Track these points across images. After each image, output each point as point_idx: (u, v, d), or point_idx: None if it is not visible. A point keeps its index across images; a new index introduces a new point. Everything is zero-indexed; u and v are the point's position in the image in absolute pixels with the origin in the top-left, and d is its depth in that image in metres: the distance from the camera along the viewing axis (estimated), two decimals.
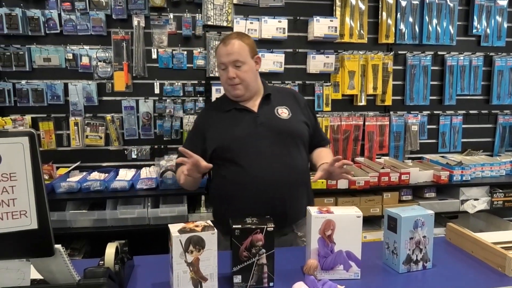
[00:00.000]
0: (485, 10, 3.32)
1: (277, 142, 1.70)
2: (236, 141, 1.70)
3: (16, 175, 0.90)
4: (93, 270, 1.03)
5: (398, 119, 3.29)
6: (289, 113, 1.78)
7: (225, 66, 1.72)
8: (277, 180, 1.66)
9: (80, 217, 2.57)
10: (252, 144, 1.69)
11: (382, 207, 2.82)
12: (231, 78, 1.70)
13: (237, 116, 1.76)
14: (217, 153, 1.73)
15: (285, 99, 1.84)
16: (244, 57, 1.71)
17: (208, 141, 1.75)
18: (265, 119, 1.73)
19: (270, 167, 1.66)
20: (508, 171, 3.19)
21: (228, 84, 1.74)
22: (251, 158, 1.67)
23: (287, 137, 1.73)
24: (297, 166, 1.73)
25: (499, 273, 1.30)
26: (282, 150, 1.70)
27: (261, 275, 1.21)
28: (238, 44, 1.72)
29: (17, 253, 0.95)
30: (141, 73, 2.91)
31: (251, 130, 1.72)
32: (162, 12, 2.91)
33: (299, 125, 1.78)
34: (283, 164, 1.68)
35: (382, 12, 3.17)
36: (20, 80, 2.82)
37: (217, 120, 1.78)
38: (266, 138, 1.70)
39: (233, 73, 1.70)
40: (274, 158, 1.68)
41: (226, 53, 1.71)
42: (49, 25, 2.79)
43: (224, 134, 1.73)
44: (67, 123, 2.89)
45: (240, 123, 1.74)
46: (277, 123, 1.73)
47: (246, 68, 1.72)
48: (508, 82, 3.43)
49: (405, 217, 1.29)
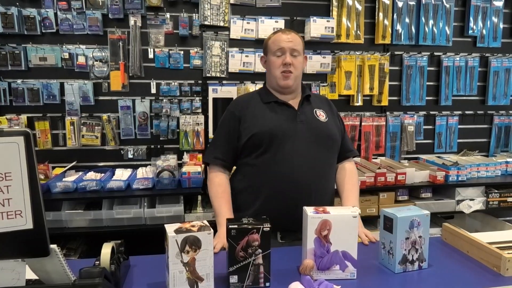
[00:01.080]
0: (481, 11, 3.33)
1: (314, 142, 1.72)
2: (275, 132, 1.69)
3: (12, 175, 0.90)
4: (89, 270, 1.03)
5: (395, 120, 3.30)
6: (326, 116, 1.80)
7: (282, 52, 1.73)
8: (307, 179, 1.67)
9: (76, 217, 2.56)
10: (290, 138, 1.69)
11: (379, 207, 2.83)
12: (288, 63, 1.71)
13: (277, 109, 1.77)
14: (252, 142, 1.71)
15: (322, 104, 1.87)
16: (300, 48, 1.76)
17: (244, 130, 1.74)
18: (305, 118, 1.75)
19: (303, 166, 1.67)
20: (503, 171, 3.20)
21: (281, 71, 1.74)
22: (287, 152, 1.68)
23: (324, 138, 1.75)
24: (324, 170, 1.75)
25: (494, 273, 1.31)
26: (317, 151, 1.72)
27: (257, 275, 1.21)
28: (298, 36, 1.77)
29: (12, 253, 0.94)
30: (137, 73, 2.91)
31: (291, 125, 1.72)
32: (158, 12, 2.91)
33: (334, 130, 1.80)
34: (316, 165, 1.70)
35: (378, 13, 3.18)
36: (16, 79, 2.81)
37: (256, 109, 1.77)
38: (304, 136, 1.71)
39: (290, 59, 1.72)
40: (308, 158, 1.69)
41: (287, 40, 1.73)
42: (45, 24, 2.78)
43: (264, 123, 1.72)
44: (63, 122, 2.89)
45: (281, 115, 1.74)
46: (316, 124, 1.76)
47: (300, 59, 1.76)
48: (504, 83, 3.44)
49: (401, 217, 1.29)
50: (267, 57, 1.80)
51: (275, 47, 1.75)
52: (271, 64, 1.77)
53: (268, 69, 1.81)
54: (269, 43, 1.79)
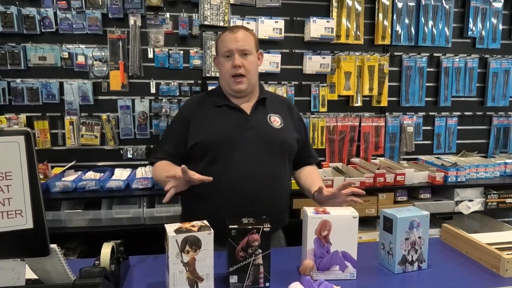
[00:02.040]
0: (480, 12, 3.34)
1: (264, 151, 1.62)
2: (222, 140, 1.61)
3: (12, 175, 0.90)
4: (89, 270, 1.03)
5: (394, 120, 3.30)
6: (281, 122, 1.70)
7: (230, 53, 1.62)
8: (256, 189, 1.58)
9: (75, 216, 2.56)
10: (238, 147, 1.60)
11: (378, 208, 2.83)
12: (237, 66, 1.61)
13: (228, 114, 1.67)
14: (198, 148, 1.63)
15: (279, 107, 1.76)
16: (251, 47, 1.65)
17: (191, 134, 1.65)
18: (257, 124, 1.65)
19: (252, 175, 1.59)
20: (502, 172, 3.20)
21: (231, 75, 1.63)
22: (234, 162, 1.59)
23: (275, 147, 1.65)
24: (279, 178, 1.66)
25: (494, 274, 1.31)
26: (267, 159, 1.62)
27: (257, 275, 1.21)
28: (247, 33, 1.66)
29: (12, 252, 0.94)
30: (137, 73, 2.90)
31: (240, 132, 1.62)
32: (158, 12, 2.90)
33: (289, 137, 1.70)
34: (265, 174, 1.61)
35: (378, 14, 3.18)
36: (15, 79, 2.80)
37: (206, 113, 1.68)
38: (254, 144, 1.62)
39: (240, 61, 1.61)
40: (257, 166, 1.60)
41: (234, 40, 1.62)
42: (45, 23, 2.78)
43: (211, 130, 1.63)
44: (62, 122, 2.88)
45: (230, 122, 1.65)
46: (267, 131, 1.65)
47: (252, 59, 1.65)
48: (503, 84, 3.45)
49: (401, 217, 1.30)
50: (218, 59, 1.70)
51: (223, 48, 1.65)
52: (221, 67, 1.67)
53: (220, 72, 1.71)
54: (218, 43, 1.70)
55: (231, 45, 1.62)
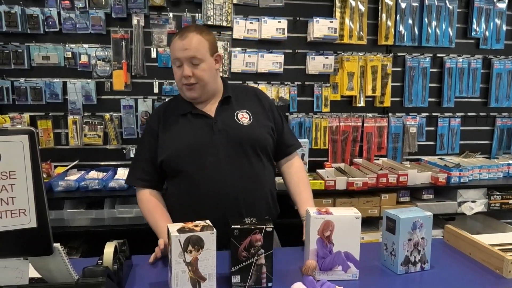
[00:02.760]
0: (484, 12, 3.33)
1: (236, 152, 1.57)
2: (189, 151, 1.56)
3: (16, 174, 0.90)
4: (92, 269, 1.03)
5: (397, 121, 3.30)
6: (250, 118, 1.63)
7: (180, 62, 1.54)
8: (234, 195, 1.54)
9: (78, 216, 2.57)
10: (208, 154, 1.55)
11: (380, 209, 2.83)
12: (186, 76, 1.53)
13: (192, 122, 1.61)
14: (168, 163, 1.59)
15: (247, 101, 1.69)
16: (202, 54, 1.54)
17: (160, 148, 1.60)
18: (223, 126, 1.59)
19: (227, 181, 1.54)
20: (505, 173, 3.19)
21: (182, 83, 1.57)
22: (206, 171, 1.54)
23: (247, 146, 1.59)
24: (259, 177, 1.61)
25: (497, 275, 1.31)
26: (241, 162, 1.57)
27: (259, 275, 1.21)
28: (197, 39, 1.53)
29: (15, 251, 0.95)
30: (140, 72, 2.91)
31: (207, 139, 1.57)
32: (161, 12, 2.91)
33: (261, 132, 1.63)
34: (241, 176, 1.56)
35: (381, 14, 3.18)
36: (19, 78, 2.81)
37: (171, 124, 1.62)
38: (224, 147, 1.56)
39: (189, 71, 1.53)
40: (231, 171, 1.55)
41: (182, 48, 1.52)
42: (48, 23, 2.79)
43: (176, 142, 1.58)
44: (66, 121, 2.89)
45: (195, 130, 1.59)
46: (236, 130, 1.59)
47: (204, 67, 1.55)
48: (507, 85, 3.44)
49: (404, 218, 1.29)
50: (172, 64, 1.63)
51: (172, 56, 1.57)
52: (174, 75, 1.60)
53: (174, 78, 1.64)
54: (170, 48, 1.61)
55: (179, 54, 1.53)
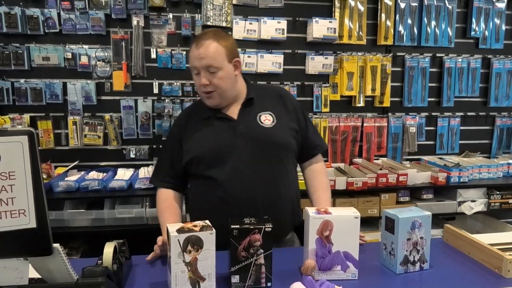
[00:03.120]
0: (483, 12, 3.33)
1: (258, 155, 1.55)
2: (212, 154, 1.55)
3: (15, 174, 0.90)
4: (92, 269, 1.03)
5: (396, 121, 3.30)
6: (273, 119, 1.61)
7: (197, 70, 1.53)
8: (256, 199, 1.52)
9: (78, 216, 2.57)
10: (230, 158, 1.54)
11: (380, 208, 2.83)
12: (204, 85, 1.53)
13: (215, 125, 1.60)
14: (191, 166, 1.59)
15: (270, 102, 1.66)
16: (219, 62, 1.51)
17: (184, 152, 1.61)
18: (246, 129, 1.57)
19: (249, 185, 1.53)
20: (505, 173, 3.19)
21: (201, 91, 1.57)
22: (228, 174, 1.53)
23: (270, 149, 1.57)
24: (281, 181, 1.59)
25: (496, 275, 1.31)
26: (263, 166, 1.55)
27: (259, 275, 1.21)
28: (213, 46, 1.51)
29: (15, 252, 0.95)
30: (140, 73, 2.92)
31: (230, 142, 1.56)
32: (161, 12, 2.91)
33: (284, 134, 1.61)
34: (264, 181, 1.54)
35: (381, 14, 3.18)
36: (19, 79, 2.82)
37: (194, 128, 1.63)
38: (246, 151, 1.55)
39: (206, 80, 1.52)
40: (254, 174, 1.54)
41: (198, 57, 1.51)
42: (48, 24, 2.79)
43: (199, 146, 1.58)
44: (66, 122, 2.89)
45: (218, 133, 1.58)
46: (259, 132, 1.57)
47: (221, 75, 1.52)
48: (506, 85, 3.44)
49: (403, 218, 1.29)
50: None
51: (191, 64, 1.57)
52: (194, 81, 1.60)
53: None
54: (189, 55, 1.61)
55: (195, 63, 1.53)
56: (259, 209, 1.52)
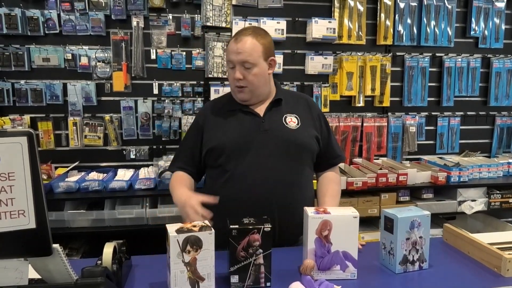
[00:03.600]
0: (483, 12, 3.33)
1: (280, 153, 1.56)
2: (234, 146, 1.55)
3: (15, 175, 0.90)
4: (91, 270, 1.04)
5: (396, 120, 3.30)
6: (298, 122, 1.62)
7: (233, 64, 1.56)
8: (268, 197, 1.52)
9: (78, 217, 2.57)
10: (251, 152, 1.54)
11: (380, 208, 2.83)
12: (237, 79, 1.55)
13: (240, 118, 1.61)
14: (211, 155, 1.59)
15: (297, 106, 1.68)
16: (255, 59, 1.54)
17: (205, 141, 1.62)
18: (271, 126, 1.58)
19: (263, 182, 1.52)
20: (505, 172, 3.20)
21: (234, 85, 1.59)
22: (247, 168, 1.54)
23: (292, 149, 1.57)
24: (297, 183, 1.58)
25: (495, 274, 1.31)
26: (283, 163, 1.56)
27: (258, 275, 1.22)
28: (251, 42, 1.53)
29: (15, 252, 0.95)
30: (140, 74, 2.92)
31: (253, 137, 1.56)
32: (161, 13, 2.92)
33: (307, 137, 1.62)
34: (281, 179, 1.54)
35: (380, 14, 3.18)
36: (19, 80, 2.82)
37: (219, 118, 1.64)
38: (268, 147, 1.55)
39: (240, 74, 1.54)
40: (272, 171, 1.54)
41: (236, 51, 1.53)
42: (49, 25, 2.80)
43: (222, 136, 1.58)
44: (66, 123, 2.90)
45: (242, 126, 1.59)
46: (283, 132, 1.58)
47: (256, 71, 1.55)
48: (506, 84, 3.44)
49: (402, 217, 1.30)
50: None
51: (227, 58, 1.59)
52: (228, 75, 1.62)
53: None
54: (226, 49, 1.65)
55: (232, 57, 1.55)
56: (273, 209, 1.52)
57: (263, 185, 1.53)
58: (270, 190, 1.53)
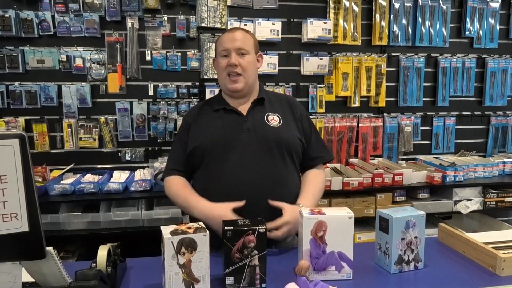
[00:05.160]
0: (477, 12, 3.34)
1: (262, 151, 1.58)
2: (215, 144, 1.59)
3: (7, 178, 0.90)
4: (84, 273, 1.03)
5: (392, 121, 3.31)
6: (280, 121, 1.65)
7: (227, 52, 1.60)
8: (253, 195, 1.52)
9: (74, 219, 2.56)
10: (232, 151, 1.57)
11: (376, 208, 2.83)
12: (233, 64, 1.58)
13: (223, 117, 1.65)
14: (195, 155, 1.62)
15: (279, 106, 1.71)
16: (249, 47, 1.63)
17: (190, 140, 1.65)
18: (253, 125, 1.61)
19: (249, 179, 1.54)
20: (500, 171, 3.21)
21: (227, 73, 1.61)
22: (228, 167, 1.56)
23: (274, 147, 1.59)
24: (281, 180, 1.59)
25: (490, 273, 1.31)
26: (266, 161, 1.57)
27: (253, 276, 1.21)
28: (245, 33, 1.65)
29: (8, 256, 0.95)
30: (135, 75, 2.91)
31: (234, 135, 1.59)
32: (156, 14, 2.91)
33: (289, 135, 1.64)
34: (264, 176, 1.56)
35: (375, 14, 3.19)
36: (14, 82, 2.81)
37: (203, 118, 1.68)
38: (250, 145, 1.58)
39: (236, 59, 1.59)
40: (255, 169, 1.55)
41: (232, 39, 1.60)
42: (43, 26, 2.79)
43: (205, 135, 1.61)
44: (61, 125, 2.89)
45: (224, 125, 1.62)
46: (265, 130, 1.61)
47: (249, 59, 1.62)
48: (501, 84, 3.46)
49: (397, 217, 1.30)
50: (216, 58, 1.69)
51: (220, 47, 1.63)
52: (218, 66, 1.66)
53: (217, 72, 1.71)
54: (216, 44, 1.68)
55: (228, 44, 1.60)
56: (258, 205, 1.52)
57: (247, 183, 1.54)
58: (254, 188, 1.54)
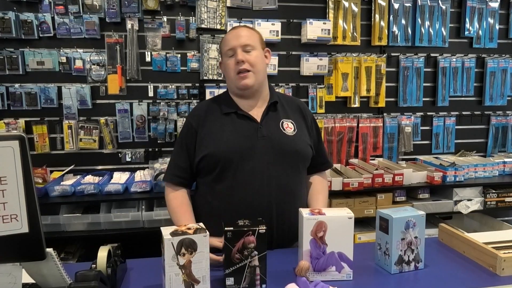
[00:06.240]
0: (477, 12, 3.35)
1: (276, 161, 1.53)
2: (230, 153, 1.51)
3: (7, 179, 0.90)
4: (84, 274, 1.03)
5: (392, 121, 3.31)
6: (294, 128, 1.60)
7: (233, 51, 1.54)
8: (267, 204, 1.51)
9: (74, 220, 2.56)
10: (247, 159, 1.51)
11: (376, 208, 2.83)
12: (240, 61, 1.52)
13: (236, 122, 1.56)
14: (206, 162, 1.54)
15: (291, 111, 1.66)
16: (255, 42, 1.56)
17: (199, 146, 1.57)
18: (268, 133, 1.55)
19: (261, 189, 1.51)
20: (501, 171, 3.21)
21: (236, 72, 1.54)
22: (244, 176, 1.51)
23: (289, 156, 1.55)
24: (295, 191, 1.58)
25: (490, 273, 1.31)
26: (279, 172, 1.53)
27: (253, 277, 1.21)
28: (249, 30, 1.60)
29: (8, 257, 0.95)
30: (135, 76, 2.91)
31: (250, 143, 1.52)
32: (155, 15, 2.91)
33: (303, 144, 1.60)
34: (277, 187, 1.52)
35: (375, 15, 3.19)
36: (14, 84, 2.81)
37: (213, 122, 1.58)
38: (266, 154, 1.52)
39: (243, 55, 1.52)
40: (268, 180, 1.52)
41: (236, 36, 1.55)
42: (43, 28, 2.79)
43: (218, 142, 1.53)
44: (61, 126, 2.89)
45: (238, 132, 1.54)
46: (281, 139, 1.55)
47: (256, 54, 1.56)
48: (500, 84, 3.46)
49: (397, 218, 1.30)
50: (222, 60, 1.62)
51: (226, 47, 1.57)
52: (226, 67, 1.59)
53: (225, 73, 1.63)
54: (221, 46, 1.63)
55: (233, 42, 1.55)
56: (271, 214, 1.51)
57: (260, 193, 1.51)
58: (268, 198, 1.52)
